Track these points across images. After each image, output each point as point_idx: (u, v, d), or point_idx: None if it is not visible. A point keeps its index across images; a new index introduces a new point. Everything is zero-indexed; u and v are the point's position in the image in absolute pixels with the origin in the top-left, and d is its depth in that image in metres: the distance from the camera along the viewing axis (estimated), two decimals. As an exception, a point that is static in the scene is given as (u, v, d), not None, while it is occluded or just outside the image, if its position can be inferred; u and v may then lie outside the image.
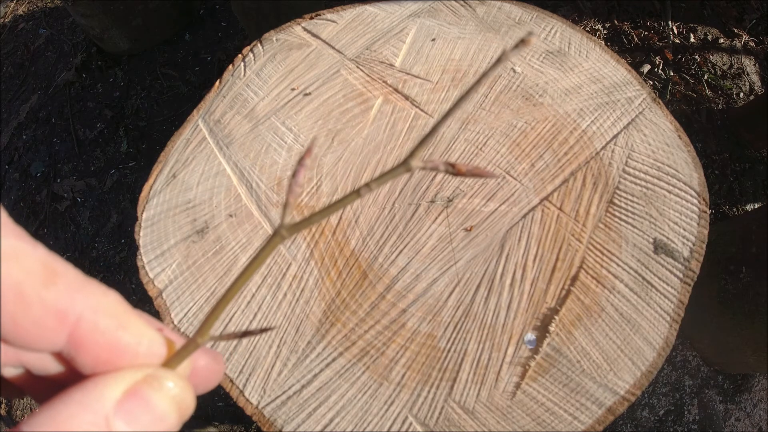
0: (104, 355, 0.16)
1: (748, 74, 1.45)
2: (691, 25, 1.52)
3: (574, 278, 0.50)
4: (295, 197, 0.17)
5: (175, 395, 0.17)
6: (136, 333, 0.17)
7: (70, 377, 0.17)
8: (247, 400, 0.48)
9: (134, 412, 0.16)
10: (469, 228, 0.53)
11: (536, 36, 0.67)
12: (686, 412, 1.09)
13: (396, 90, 0.63)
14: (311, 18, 0.72)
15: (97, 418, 0.15)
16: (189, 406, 0.18)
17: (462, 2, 0.71)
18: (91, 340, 0.16)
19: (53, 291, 0.15)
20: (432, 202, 0.55)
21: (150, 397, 0.16)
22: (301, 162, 0.17)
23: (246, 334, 0.18)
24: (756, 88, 1.44)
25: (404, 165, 0.16)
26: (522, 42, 0.15)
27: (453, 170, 0.16)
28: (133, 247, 1.37)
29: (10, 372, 0.18)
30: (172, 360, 0.18)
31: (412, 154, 0.16)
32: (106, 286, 0.17)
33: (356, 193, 0.16)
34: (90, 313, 0.16)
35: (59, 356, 0.17)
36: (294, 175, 0.17)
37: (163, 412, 0.16)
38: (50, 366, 0.17)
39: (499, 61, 0.15)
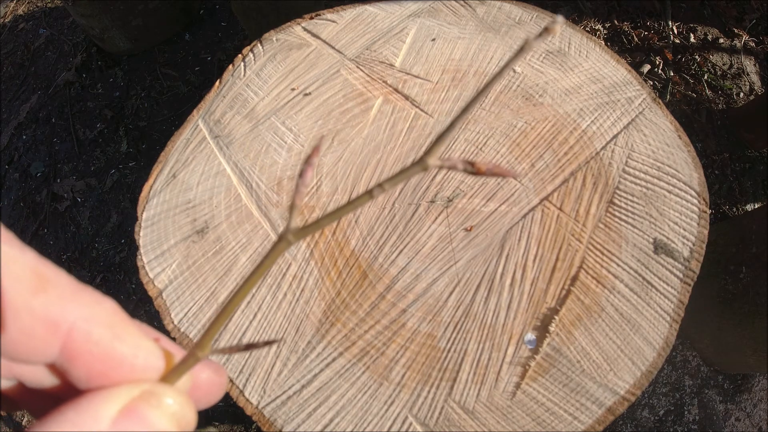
0: (98, 367, 0.15)
1: (748, 74, 1.45)
2: (691, 25, 1.52)
3: (574, 278, 0.50)
4: (302, 199, 0.15)
5: (175, 412, 0.16)
6: (132, 344, 0.16)
7: (65, 391, 0.16)
8: (247, 400, 0.48)
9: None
10: (469, 228, 0.53)
11: (560, 23, 0.67)
12: (686, 412, 1.09)
13: (396, 90, 0.63)
14: (311, 18, 0.72)
15: None
16: (189, 423, 0.17)
17: (462, 2, 0.71)
18: (84, 351, 0.15)
19: (43, 299, 0.14)
20: (432, 202, 0.55)
21: (148, 415, 0.15)
22: (308, 161, 0.16)
23: (250, 346, 0.17)
24: (756, 88, 1.44)
25: (420, 163, 0.15)
26: (546, 30, 0.14)
27: (473, 169, 0.15)
28: (133, 247, 1.37)
29: (2, 384, 0.17)
30: (171, 374, 0.17)
31: (430, 151, 0.15)
32: (101, 294, 0.16)
33: (369, 194, 0.15)
34: (83, 322, 0.15)
35: (53, 368, 0.16)
36: (301, 175, 0.16)
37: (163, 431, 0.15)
38: (44, 379, 0.16)
39: (522, 50, 0.14)
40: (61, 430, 0.14)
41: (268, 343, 0.17)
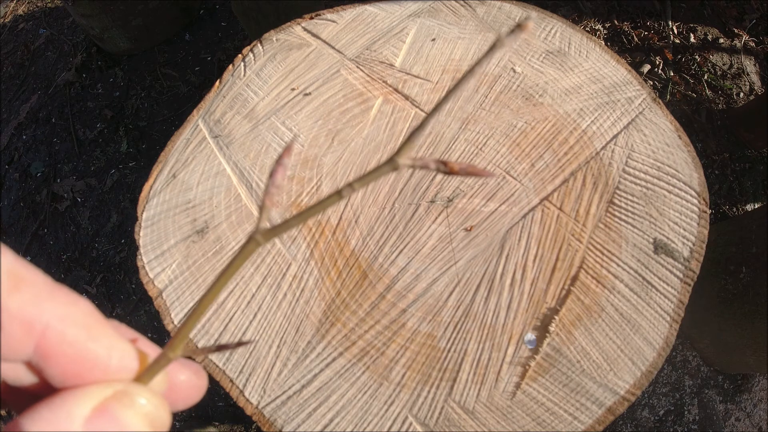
0: (73, 367, 0.15)
1: (748, 74, 1.45)
2: (691, 25, 1.52)
3: (574, 278, 0.50)
4: (272, 200, 0.15)
5: (148, 412, 0.16)
6: (106, 345, 0.16)
7: (44, 388, 0.17)
8: (247, 400, 0.48)
9: (104, 431, 0.15)
10: (469, 228, 0.53)
11: (533, 20, 0.67)
12: (686, 412, 1.09)
13: (396, 90, 0.63)
14: (311, 18, 0.72)
15: None
16: (163, 423, 0.17)
17: (462, 2, 0.71)
18: (58, 351, 0.15)
19: (18, 299, 0.14)
20: (432, 202, 0.55)
21: (120, 415, 0.15)
22: (279, 161, 0.15)
23: (221, 348, 0.17)
24: (756, 88, 1.44)
25: (390, 163, 0.15)
26: (518, 27, 0.13)
27: (445, 169, 0.15)
28: (133, 247, 1.37)
29: None
30: (144, 374, 0.17)
31: (399, 151, 0.15)
32: (77, 294, 0.16)
33: (338, 193, 0.15)
34: (58, 322, 0.15)
35: (31, 366, 0.16)
36: (271, 175, 0.15)
37: (135, 431, 0.16)
38: (23, 376, 0.16)
39: (493, 47, 0.14)
40: (36, 429, 0.14)
41: (240, 344, 0.17)
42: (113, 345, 0.16)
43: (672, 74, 1.43)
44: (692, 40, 1.49)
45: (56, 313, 0.15)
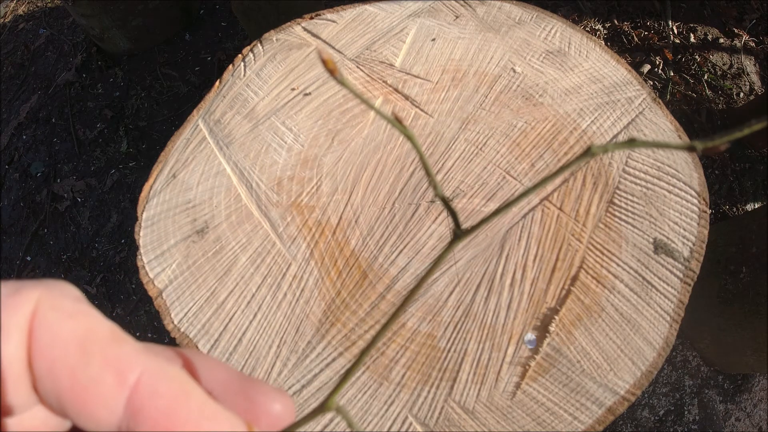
0: (163, 421, 0.14)
1: (748, 74, 1.45)
2: (691, 25, 1.52)
3: (574, 278, 0.50)
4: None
5: None
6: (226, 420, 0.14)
7: None
8: (247, 400, 0.48)
9: None
10: (469, 228, 0.53)
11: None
12: (686, 412, 1.09)
13: (396, 90, 0.63)
14: (311, 18, 0.72)
15: None
16: None
17: (462, 2, 0.71)
18: (150, 405, 0.14)
19: (116, 349, 0.14)
20: (432, 202, 0.55)
21: None
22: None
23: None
24: (756, 88, 1.44)
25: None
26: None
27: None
28: (133, 247, 1.37)
29: None
30: None
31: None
32: (173, 352, 0.16)
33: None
34: (150, 377, 0.14)
35: None
36: None
37: None
38: None
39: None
40: None
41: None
42: (229, 419, 0.15)
43: (672, 74, 1.43)
44: (692, 40, 1.49)
45: (150, 366, 0.14)
